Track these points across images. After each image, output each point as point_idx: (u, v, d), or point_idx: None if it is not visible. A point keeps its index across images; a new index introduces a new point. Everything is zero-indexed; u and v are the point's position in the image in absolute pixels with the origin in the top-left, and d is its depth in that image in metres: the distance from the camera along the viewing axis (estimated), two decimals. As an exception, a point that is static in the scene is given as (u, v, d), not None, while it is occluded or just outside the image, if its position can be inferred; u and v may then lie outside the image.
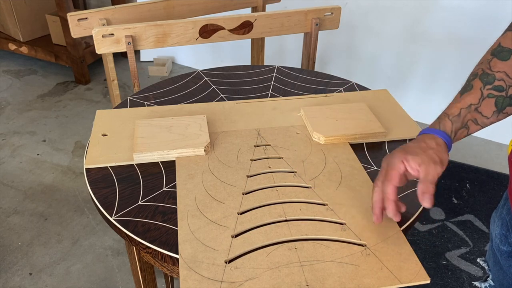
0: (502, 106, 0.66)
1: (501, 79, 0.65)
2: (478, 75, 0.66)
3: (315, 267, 0.62)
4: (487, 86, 0.66)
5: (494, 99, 0.66)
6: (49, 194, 1.82)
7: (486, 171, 1.96)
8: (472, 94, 0.66)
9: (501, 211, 0.71)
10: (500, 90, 0.65)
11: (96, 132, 0.89)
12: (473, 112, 0.66)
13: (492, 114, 0.67)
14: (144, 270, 0.89)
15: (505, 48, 0.65)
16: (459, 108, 0.67)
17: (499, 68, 0.65)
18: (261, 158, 0.83)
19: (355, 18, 2.23)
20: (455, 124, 0.67)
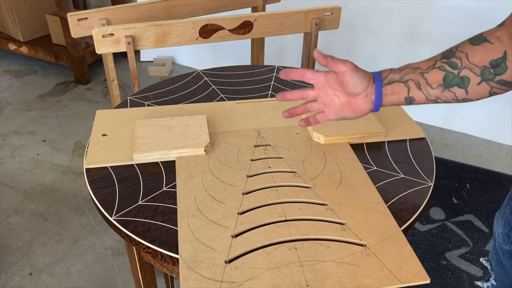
0: (450, 83, 0.67)
1: (459, 58, 0.66)
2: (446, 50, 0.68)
3: (315, 267, 0.62)
4: (443, 59, 0.67)
5: (444, 73, 0.67)
6: (49, 194, 1.82)
7: (486, 171, 1.96)
8: (426, 62, 0.69)
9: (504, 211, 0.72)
10: (453, 67, 0.66)
11: (96, 132, 0.89)
12: (418, 74, 0.68)
13: (437, 86, 0.68)
14: (144, 270, 0.89)
15: (482, 36, 0.66)
16: (406, 66, 0.70)
17: (464, 49, 0.66)
18: (261, 158, 0.83)
19: (355, 18, 2.23)
20: (393, 74, 0.70)
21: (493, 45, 0.64)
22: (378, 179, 0.79)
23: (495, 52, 0.64)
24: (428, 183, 0.79)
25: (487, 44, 0.65)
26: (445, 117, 2.25)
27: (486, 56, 0.65)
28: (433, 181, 0.79)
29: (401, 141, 0.89)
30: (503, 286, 0.75)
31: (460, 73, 0.66)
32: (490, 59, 0.65)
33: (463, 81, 0.66)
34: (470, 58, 0.65)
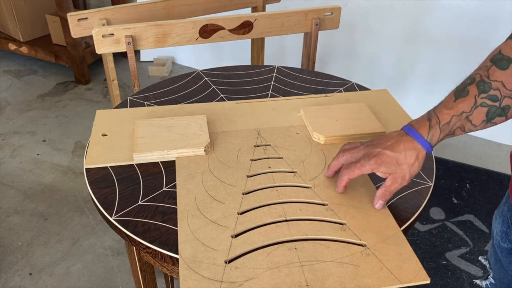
0: (493, 116, 0.66)
1: (497, 89, 0.64)
2: (475, 81, 0.66)
3: (315, 267, 0.62)
4: (482, 94, 0.65)
5: (487, 109, 0.65)
6: (49, 194, 1.82)
7: (486, 171, 1.96)
8: (466, 101, 0.66)
9: (503, 208, 0.72)
10: (494, 100, 0.65)
11: (96, 132, 0.89)
12: (463, 119, 0.66)
13: (480, 123, 0.67)
14: (144, 270, 0.89)
15: (505, 56, 0.64)
16: (451, 116, 0.66)
17: (497, 77, 0.64)
18: (261, 158, 0.83)
19: (355, 18, 2.23)
20: (443, 133, 0.67)
21: None
22: (378, 179, 0.79)
23: None
24: (428, 183, 0.79)
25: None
26: (445, 117, 2.25)
27: None
28: (433, 181, 0.79)
29: (401, 141, 0.89)
30: (501, 284, 0.76)
31: (501, 104, 0.65)
32: None
33: (504, 110, 0.66)
34: (507, 85, 0.64)
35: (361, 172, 0.69)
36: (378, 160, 0.67)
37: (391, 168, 0.67)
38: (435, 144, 0.68)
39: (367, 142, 0.72)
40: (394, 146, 0.68)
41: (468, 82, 0.67)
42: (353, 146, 0.73)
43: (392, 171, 0.67)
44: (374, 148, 0.69)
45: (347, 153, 0.72)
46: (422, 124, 0.68)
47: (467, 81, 0.67)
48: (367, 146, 0.71)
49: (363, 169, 0.68)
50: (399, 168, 0.67)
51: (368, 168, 0.68)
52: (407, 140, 0.68)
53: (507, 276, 0.72)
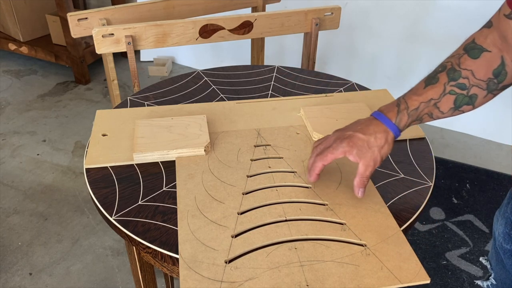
0: (460, 104, 0.67)
1: (466, 77, 0.65)
2: (446, 68, 0.67)
3: (315, 267, 0.62)
4: (451, 82, 0.66)
5: (455, 96, 0.66)
6: (49, 194, 1.82)
7: (486, 171, 1.96)
8: (436, 88, 0.67)
9: (505, 210, 0.71)
10: (463, 88, 0.66)
11: (96, 132, 0.89)
12: (431, 106, 0.68)
13: (448, 110, 0.68)
14: (144, 270, 0.89)
15: (478, 45, 0.65)
16: (420, 102, 0.68)
17: (467, 66, 0.65)
18: (261, 158, 0.83)
19: (355, 18, 2.23)
20: (411, 118, 0.69)
21: (491, 53, 0.64)
22: (378, 179, 0.79)
23: (495, 60, 0.64)
24: (428, 183, 0.79)
25: (486, 53, 0.65)
26: (445, 117, 2.25)
27: (488, 68, 0.65)
28: (433, 181, 0.79)
29: (401, 141, 0.89)
30: (503, 285, 0.75)
31: (469, 92, 0.66)
32: (492, 69, 0.65)
33: (471, 98, 0.67)
34: (476, 75, 0.65)
35: (335, 156, 0.69)
36: (350, 142, 0.68)
37: (362, 151, 0.68)
38: (403, 129, 0.70)
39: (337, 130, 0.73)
40: (364, 129, 0.69)
41: (439, 69, 0.68)
42: (323, 138, 0.75)
43: (363, 154, 0.68)
44: (345, 131, 0.70)
45: (319, 145, 0.73)
46: (391, 109, 0.70)
47: (438, 69, 0.68)
48: (337, 131, 0.72)
49: (336, 152, 0.69)
50: (370, 151, 0.68)
51: (341, 151, 0.68)
52: (376, 124, 0.69)
53: (509, 277, 0.72)
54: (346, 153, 0.68)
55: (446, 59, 0.69)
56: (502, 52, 0.64)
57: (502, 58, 0.64)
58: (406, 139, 0.90)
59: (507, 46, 0.63)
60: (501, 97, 2.27)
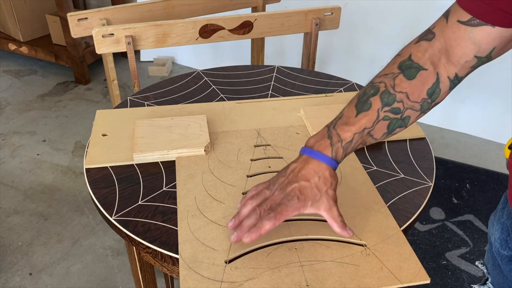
0: (393, 128, 0.63)
1: (401, 101, 0.61)
2: (379, 91, 0.62)
3: (315, 267, 0.62)
4: (385, 107, 0.61)
5: (388, 122, 0.62)
6: (49, 194, 1.82)
7: (486, 171, 1.96)
8: (369, 115, 0.62)
9: (501, 215, 0.71)
10: (396, 112, 0.62)
11: (96, 132, 0.89)
12: (365, 135, 0.63)
13: (381, 136, 0.64)
14: (144, 270, 0.89)
15: (414, 63, 0.61)
16: (353, 133, 0.62)
17: (402, 88, 0.61)
18: (261, 158, 0.83)
19: (355, 18, 2.23)
20: (346, 151, 0.63)
21: (427, 71, 0.61)
22: (378, 179, 0.79)
23: (430, 79, 0.61)
24: (428, 183, 0.79)
25: (423, 72, 0.61)
26: (445, 117, 2.25)
27: (423, 88, 0.61)
28: (433, 181, 0.79)
29: (401, 141, 0.89)
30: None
31: (403, 115, 0.62)
32: (426, 88, 0.61)
33: (404, 121, 0.63)
34: (410, 97, 0.61)
35: (288, 216, 0.61)
36: (301, 196, 0.61)
37: (316, 198, 0.62)
38: (340, 161, 0.64)
39: (271, 182, 0.65)
40: (305, 174, 0.62)
41: (371, 92, 0.63)
42: (255, 188, 0.66)
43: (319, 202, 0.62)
44: (286, 185, 0.62)
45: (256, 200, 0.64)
46: (323, 143, 0.63)
47: (370, 91, 0.63)
48: (278, 189, 0.63)
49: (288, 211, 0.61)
50: (322, 193, 0.62)
51: (295, 208, 0.61)
52: (313, 163, 0.63)
53: (507, 282, 0.72)
54: (301, 209, 0.61)
55: (378, 77, 0.63)
56: (439, 69, 0.60)
57: (437, 75, 0.60)
58: (406, 139, 0.90)
59: (446, 59, 0.59)
60: (501, 97, 2.27)
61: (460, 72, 0.60)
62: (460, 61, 0.59)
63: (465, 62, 0.59)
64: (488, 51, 0.57)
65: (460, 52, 0.58)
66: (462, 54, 0.58)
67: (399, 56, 0.63)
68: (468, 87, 2.13)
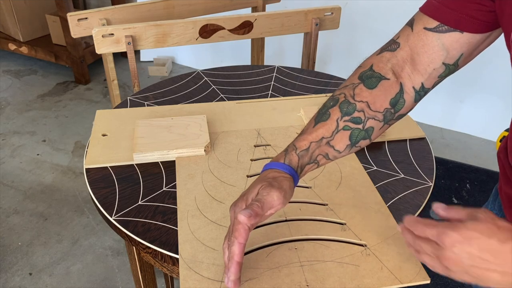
0: (357, 140, 0.61)
1: (362, 110, 0.60)
2: (338, 102, 0.61)
3: (315, 267, 0.62)
4: (345, 117, 0.60)
5: (350, 132, 0.61)
6: (49, 194, 1.82)
7: (486, 171, 1.96)
8: (327, 125, 0.61)
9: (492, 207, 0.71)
10: (358, 122, 0.60)
11: (96, 132, 0.88)
12: (324, 145, 0.61)
13: (345, 148, 0.62)
14: (144, 270, 0.89)
15: (376, 73, 0.60)
16: (309, 142, 0.61)
17: (362, 97, 0.60)
18: (261, 158, 0.83)
19: (355, 18, 2.23)
20: (302, 159, 0.61)
21: (389, 81, 0.60)
22: (378, 179, 0.79)
23: (393, 89, 0.60)
24: (428, 183, 0.79)
25: (384, 82, 0.60)
26: (445, 117, 2.25)
27: (385, 97, 0.60)
28: (433, 181, 0.79)
29: (401, 141, 0.89)
30: None
31: (365, 126, 0.61)
32: (389, 98, 0.60)
33: (367, 132, 0.61)
34: (372, 106, 0.60)
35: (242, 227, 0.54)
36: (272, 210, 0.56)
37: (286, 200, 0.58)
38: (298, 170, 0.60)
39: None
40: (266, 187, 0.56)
41: (330, 104, 0.62)
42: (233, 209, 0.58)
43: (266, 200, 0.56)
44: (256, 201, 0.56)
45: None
46: (279, 156, 0.61)
47: (329, 103, 0.62)
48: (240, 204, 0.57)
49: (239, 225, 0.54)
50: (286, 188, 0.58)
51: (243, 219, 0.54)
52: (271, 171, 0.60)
53: None
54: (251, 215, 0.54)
55: (338, 90, 0.63)
56: (403, 79, 0.60)
57: (400, 85, 0.60)
58: (406, 139, 0.90)
59: (412, 68, 0.59)
60: (501, 97, 2.27)
61: (427, 82, 0.60)
62: (428, 69, 0.58)
63: (433, 70, 0.58)
64: (456, 57, 0.57)
65: (427, 59, 0.58)
66: (430, 62, 0.58)
67: (360, 68, 0.62)
68: (468, 87, 2.13)
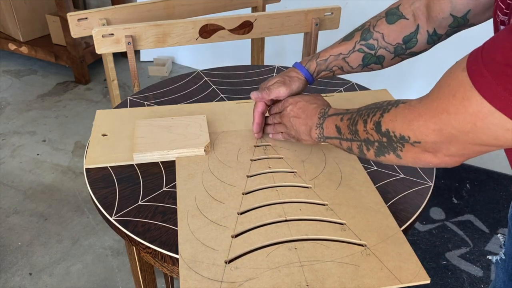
0: (368, 62, 0.76)
1: (376, 39, 0.73)
2: (363, 28, 0.75)
3: (315, 267, 0.62)
4: (362, 41, 0.75)
5: (363, 55, 0.75)
6: (49, 194, 1.82)
7: (486, 171, 1.96)
8: (348, 44, 0.76)
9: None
10: (371, 48, 0.74)
11: (96, 132, 0.88)
12: (340, 60, 0.77)
13: (357, 66, 0.77)
14: (144, 270, 0.89)
15: (399, 12, 0.72)
16: (329, 55, 0.78)
17: (380, 29, 0.73)
18: (261, 158, 0.83)
19: (355, 18, 2.23)
20: (319, 67, 0.79)
21: (407, 21, 0.71)
22: (378, 179, 0.79)
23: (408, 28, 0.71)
24: (428, 183, 0.79)
25: (403, 21, 0.71)
26: (445, 117, 2.25)
27: (400, 34, 0.71)
28: (433, 181, 0.79)
29: (401, 141, 0.89)
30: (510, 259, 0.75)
31: (376, 53, 0.75)
32: (403, 35, 0.71)
33: (379, 59, 0.75)
34: (385, 38, 0.73)
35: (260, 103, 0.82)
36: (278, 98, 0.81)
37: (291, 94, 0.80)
38: (313, 73, 0.80)
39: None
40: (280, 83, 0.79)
41: (359, 28, 0.77)
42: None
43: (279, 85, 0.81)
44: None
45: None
46: (304, 59, 0.82)
47: (359, 27, 0.77)
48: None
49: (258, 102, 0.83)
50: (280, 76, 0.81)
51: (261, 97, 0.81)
52: (294, 70, 0.82)
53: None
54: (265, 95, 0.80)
55: (372, 18, 0.76)
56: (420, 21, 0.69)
57: (417, 26, 0.70)
58: (406, 139, 0.90)
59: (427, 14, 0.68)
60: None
61: (439, 29, 0.69)
62: (438, 16, 0.67)
63: (442, 18, 0.67)
64: (463, 12, 0.65)
65: (438, 7, 0.67)
66: (440, 11, 0.67)
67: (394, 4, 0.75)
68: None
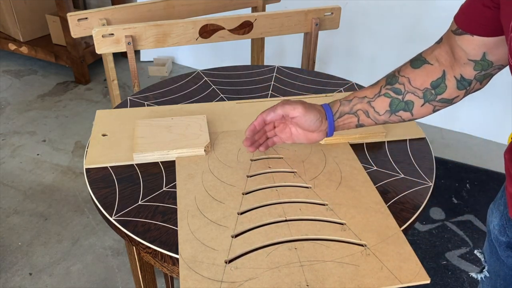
0: (396, 109, 0.72)
1: (402, 84, 0.70)
2: (389, 75, 0.73)
3: (315, 267, 0.62)
4: (387, 86, 0.72)
5: (390, 100, 0.71)
6: (49, 194, 1.82)
7: (486, 171, 1.96)
8: (373, 88, 0.73)
9: (499, 203, 0.73)
10: (398, 93, 0.71)
11: (96, 132, 0.89)
12: (365, 103, 0.73)
13: (384, 112, 0.73)
14: (144, 270, 0.89)
15: (422, 57, 0.70)
16: (354, 96, 0.74)
17: (405, 73, 0.70)
18: (261, 158, 0.83)
19: (355, 18, 2.23)
20: (343, 107, 0.74)
21: (432, 66, 0.69)
22: (378, 179, 0.79)
23: (435, 73, 0.69)
24: (428, 183, 0.79)
25: (427, 66, 0.69)
26: (445, 117, 2.25)
27: (426, 78, 0.69)
28: (433, 181, 0.79)
29: (401, 141, 0.89)
30: (497, 277, 0.76)
31: (404, 98, 0.71)
32: (430, 80, 0.69)
33: (407, 105, 0.71)
34: (412, 82, 0.70)
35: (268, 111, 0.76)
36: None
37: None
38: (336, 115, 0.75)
39: None
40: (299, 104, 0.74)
41: (386, 75, 0.74)
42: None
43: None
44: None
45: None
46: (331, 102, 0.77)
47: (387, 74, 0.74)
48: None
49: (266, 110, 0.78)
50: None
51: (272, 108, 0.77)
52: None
53: (503, 269, 0.73)
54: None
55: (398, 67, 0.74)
56: (446, 67, 0.68)
57: (443, 72, 0.68)
58: (406, 139, 0.90)
59: (453, 60, 0.67)
60: (501, 97, 2.27)
61: (465, 75, 0.67)
62: (460, 62, 0.66)
63: (463, 64, 0.66)
64: (479, 56, 0.64)
65: (457, 55, 0.66)
66: (459, 58, 0.66)
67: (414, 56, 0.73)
68: (468, 87, 2.12)
